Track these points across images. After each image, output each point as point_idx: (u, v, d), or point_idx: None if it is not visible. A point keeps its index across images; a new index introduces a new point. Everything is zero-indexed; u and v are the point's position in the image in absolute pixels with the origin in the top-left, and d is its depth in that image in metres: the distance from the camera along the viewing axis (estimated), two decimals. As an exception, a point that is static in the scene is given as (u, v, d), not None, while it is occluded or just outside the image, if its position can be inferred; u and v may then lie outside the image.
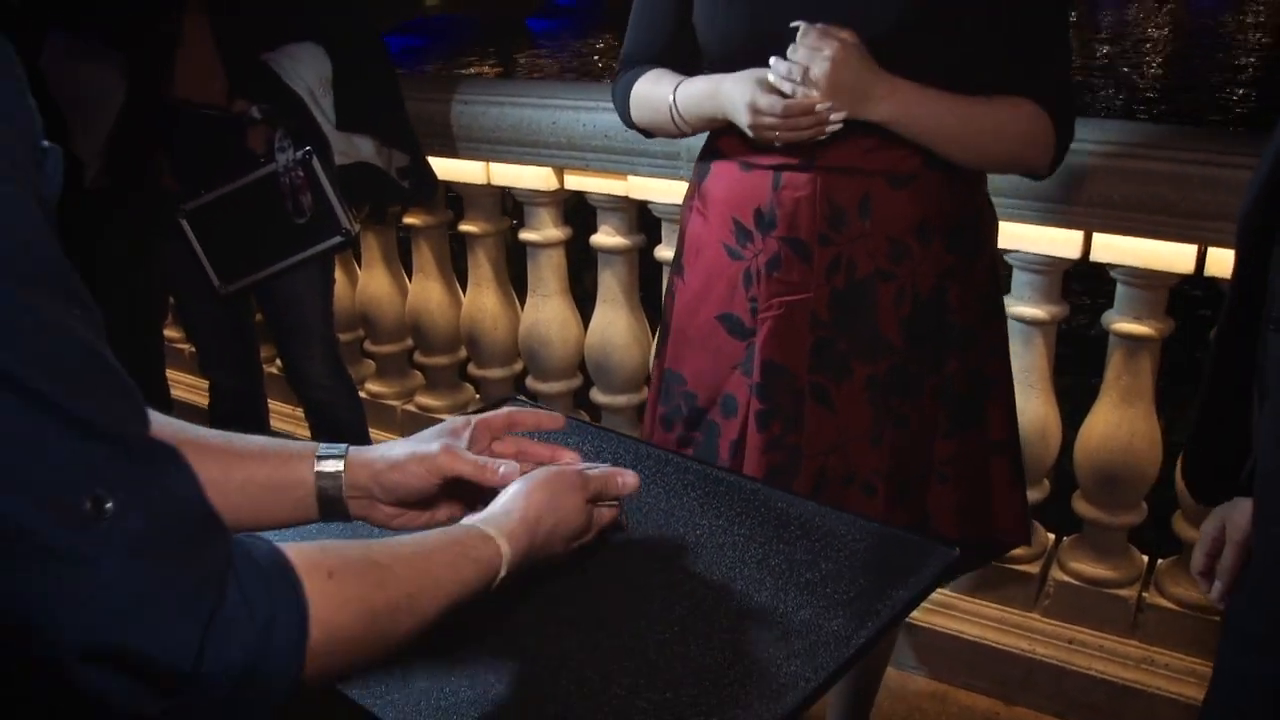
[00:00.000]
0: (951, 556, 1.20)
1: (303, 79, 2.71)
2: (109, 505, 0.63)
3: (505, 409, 1.24)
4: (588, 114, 2.76)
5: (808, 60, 1.61)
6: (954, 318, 1.83)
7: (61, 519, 0.62)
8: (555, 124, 2.80)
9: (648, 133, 1.99)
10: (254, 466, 1.07)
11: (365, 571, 0.86)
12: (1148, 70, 22.24)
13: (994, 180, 2.00)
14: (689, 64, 1.87)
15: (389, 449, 1.14)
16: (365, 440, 2.86)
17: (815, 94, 1.61)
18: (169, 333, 3.89)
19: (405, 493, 1.12)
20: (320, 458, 1.10)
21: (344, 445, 1.13)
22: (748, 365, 1.82)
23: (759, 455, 1.81)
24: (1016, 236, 2.39)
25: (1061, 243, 2.38)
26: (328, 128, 2.71)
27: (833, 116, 1.63)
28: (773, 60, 1.63)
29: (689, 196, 1.96)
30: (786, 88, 1.62)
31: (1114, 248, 2.34)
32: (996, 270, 1.96)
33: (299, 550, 0.79)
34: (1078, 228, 2.34)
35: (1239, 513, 1.42)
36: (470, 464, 1.12)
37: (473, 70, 32.54)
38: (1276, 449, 1.30)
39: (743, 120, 1.67)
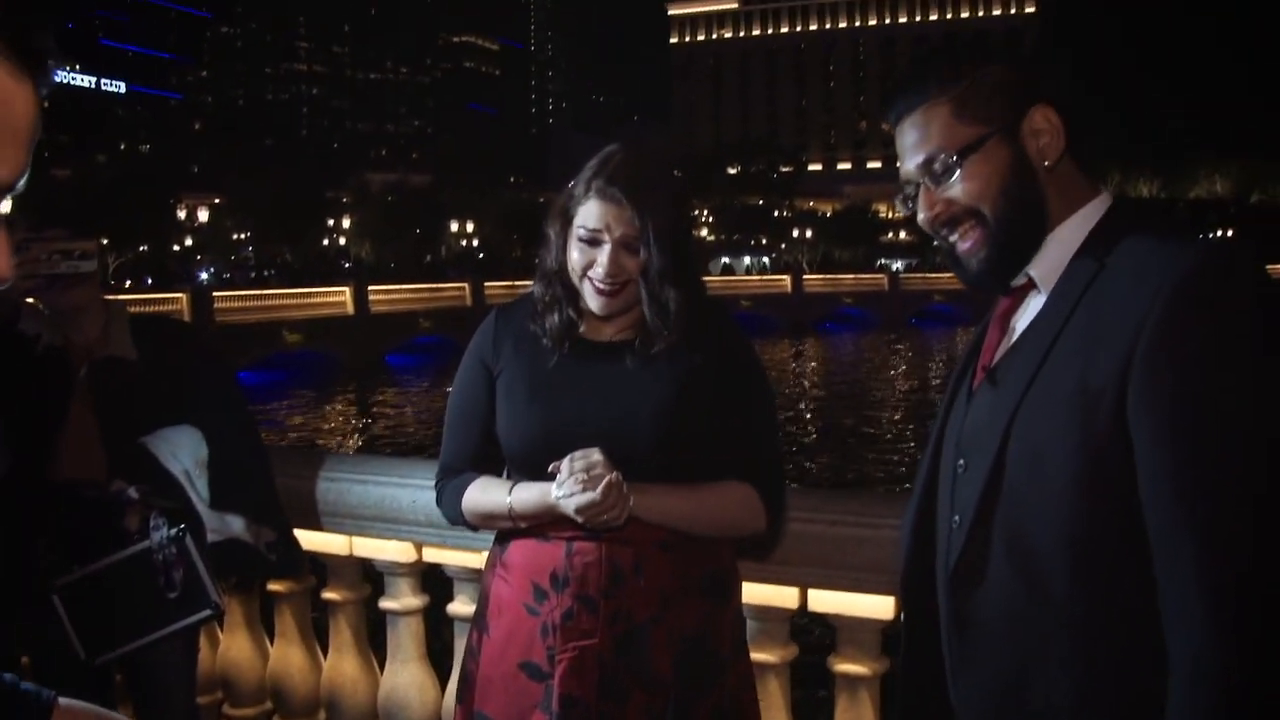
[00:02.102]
0: None
1: (179, 461, 2.94)
2: None
3: None
4: (446, 494, 3.02)
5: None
6: (715, 653, 2.28)
7: None
8: (415, 502, 3.06)
9: (475, 529, 2.42)
10: None
11: None
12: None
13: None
14: (498, 466, 2.35)
15: None
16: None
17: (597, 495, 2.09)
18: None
19: None
20: None
21: None
22: (547, 703, 2.19)
23: None
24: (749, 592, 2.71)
25: (779, 595, 2.76)
26: (201, 507, 2.92)
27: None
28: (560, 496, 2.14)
29: (491, 564, 2.40)
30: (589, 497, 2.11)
31: (824, 599, 2.72)
32: (742, 616, 2.50)
33: None
34: (791, 584, 2.73)
35: None
36: None
37: (335, 404, 33.04)
38: None
39: (580, 518, 2.12)
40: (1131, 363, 1.39)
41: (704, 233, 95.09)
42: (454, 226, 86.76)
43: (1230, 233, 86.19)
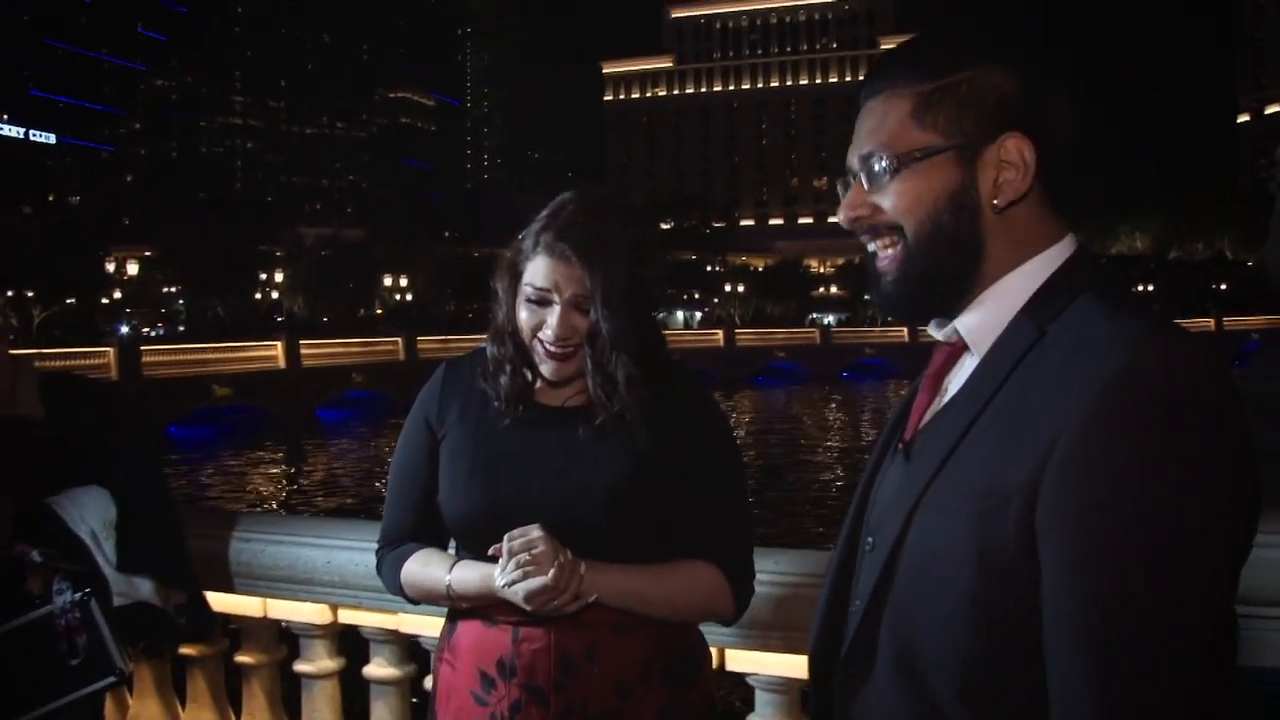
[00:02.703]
0: None
1: (86, 523, 2.86)
2: None
3: None
4: (361, 554, 2.95)
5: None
6: None
7: None
8: (330, 563, 3.01)
9: (416, 602, 2.27)
10: None
11: None
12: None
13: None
14: (444, 535, 2.21)
15: None
16: None
17: (548, 580, 1.92)
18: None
19: None
20: None
21: None
22: None
23: None
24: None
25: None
26: (108, 570, 2.84)
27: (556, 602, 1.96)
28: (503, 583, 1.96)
29: (439, 648, 2.23)
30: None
31: (743, 658, 2.68)
32: (713, 698, 2.26)
33: None
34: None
35: None
36: None
37: (261, 455, 32.54)
38: None
39: (526, 606, 1.96)
40: (1046, 466, 1.19)
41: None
42: (387, 281, 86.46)
43: (1151, 288, 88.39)
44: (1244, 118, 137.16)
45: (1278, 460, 2.52)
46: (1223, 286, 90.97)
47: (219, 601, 3.16)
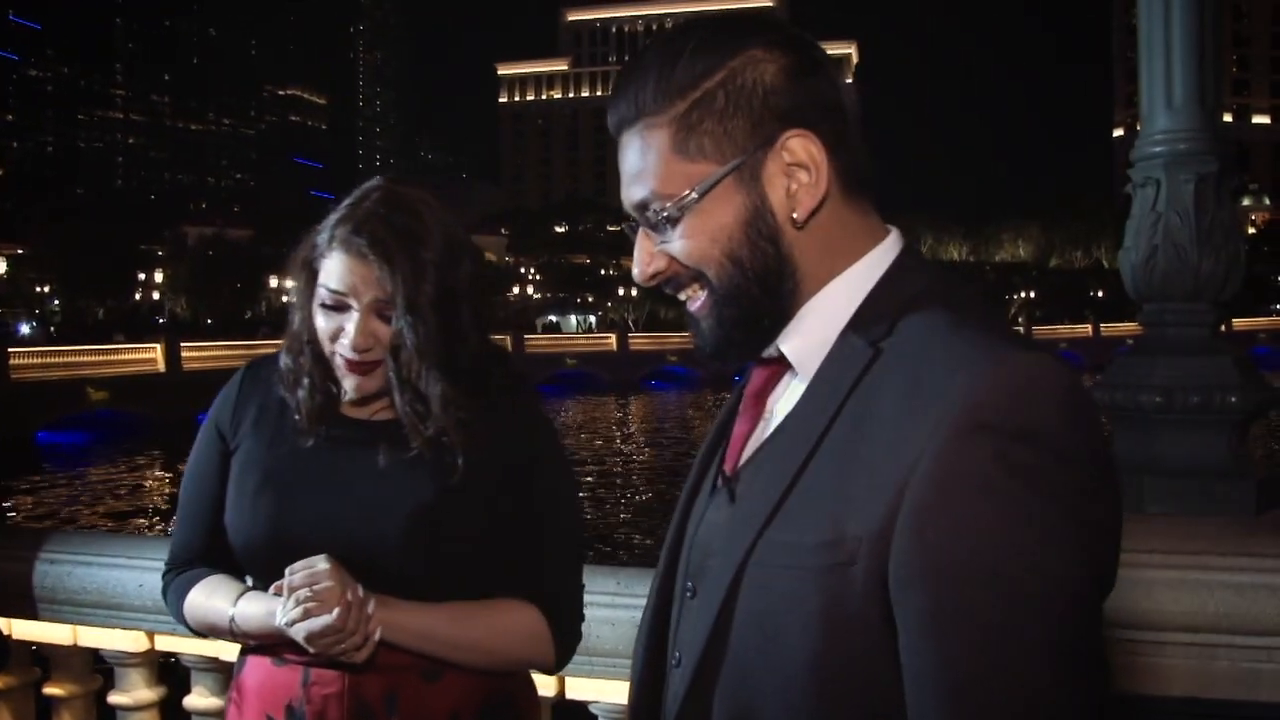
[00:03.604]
0: None
1: None
2: None
3: None
4: (178, 576, 2.75)
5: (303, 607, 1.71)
6: None
7: None
8: (143, 586, 2.78)
9: (203, 636, 2.02)
10: None
11: None
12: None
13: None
14: (233, 562, 1.94)
15: None
16: None
17: (331, 619, 1.69)
18: None
19: None
20: None
21: None
22: None
23: None
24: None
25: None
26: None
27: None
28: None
29: (228, 685, 2.00)
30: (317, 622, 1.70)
31: (584, 686, 2.55)
32: None
33: None
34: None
35: None
36: None
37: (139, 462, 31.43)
38: None
39: (311, 648, 1.73)
40: (898, 510, 1.04)
41: (530, 290, 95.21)
42: (274, 282, 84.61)
43: (1032, 294, 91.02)
44: (1118, 132, 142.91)
45: (1136, 472, 2.47)
46: (1099, 294, 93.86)
47: (25, 630, 2.91)
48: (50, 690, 3.07)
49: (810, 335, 1.20)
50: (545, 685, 2.52)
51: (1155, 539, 2.25)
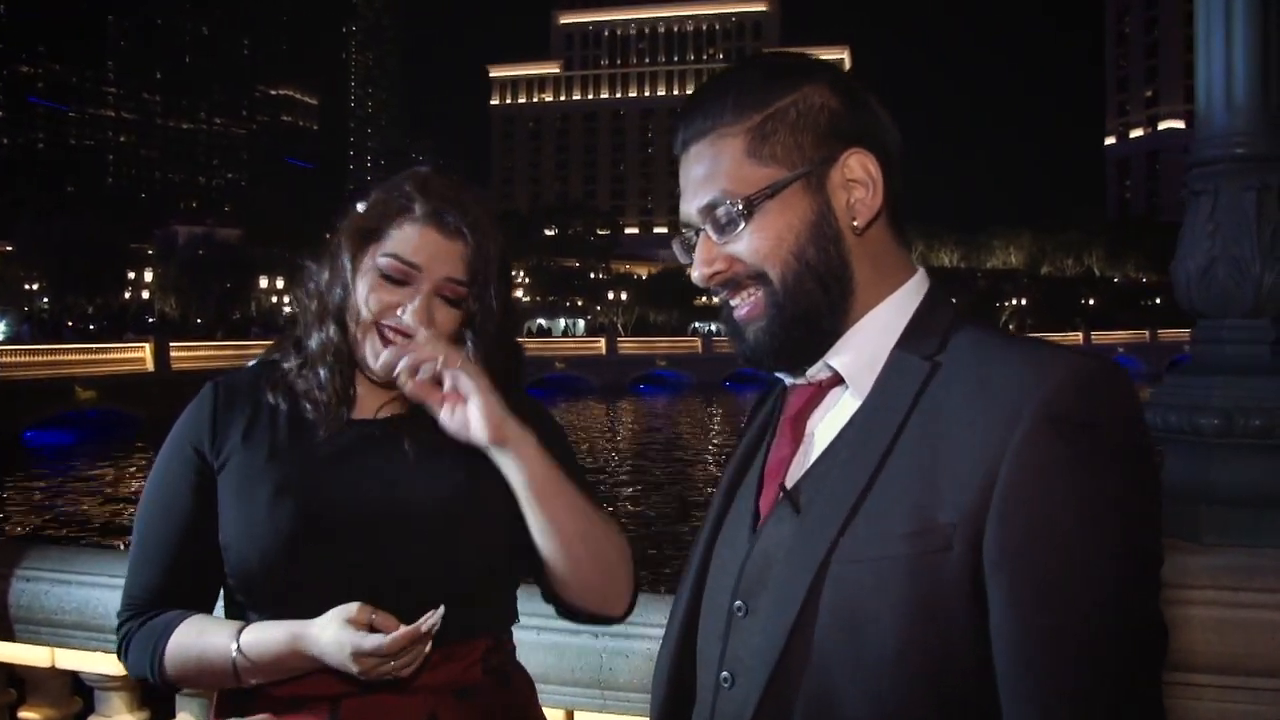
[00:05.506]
0: None
1: None
2: None
3: None
4: (163, 596, 2.59)
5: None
6: None
7: None
8: (126, 608, 2.61)
9: (176, 688, 1.87)
10: None
11: None
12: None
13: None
14: (207, 601, 1.80)
15: None
16: None
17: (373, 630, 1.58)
18: None
19: None
20: None
21: None
22: None
23: None
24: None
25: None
26: None
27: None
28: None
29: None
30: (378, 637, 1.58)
31: None
32: None
33: None
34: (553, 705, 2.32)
35: None
36: None
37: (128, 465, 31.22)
38: None
39: (351, 669, 1.59)
40: (989, 496, 1.11)
41: (519, 293, 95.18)
42: (264, 283, 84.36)
43: (1024, 301, 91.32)
44: (1110, 140, 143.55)
45: (1192, 500, 2.31)
46: (1090, 301, 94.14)
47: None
48: (26, 714, 2.91)
49: (863, 351, 1.28)
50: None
51: (1213, 574, 2.09)
